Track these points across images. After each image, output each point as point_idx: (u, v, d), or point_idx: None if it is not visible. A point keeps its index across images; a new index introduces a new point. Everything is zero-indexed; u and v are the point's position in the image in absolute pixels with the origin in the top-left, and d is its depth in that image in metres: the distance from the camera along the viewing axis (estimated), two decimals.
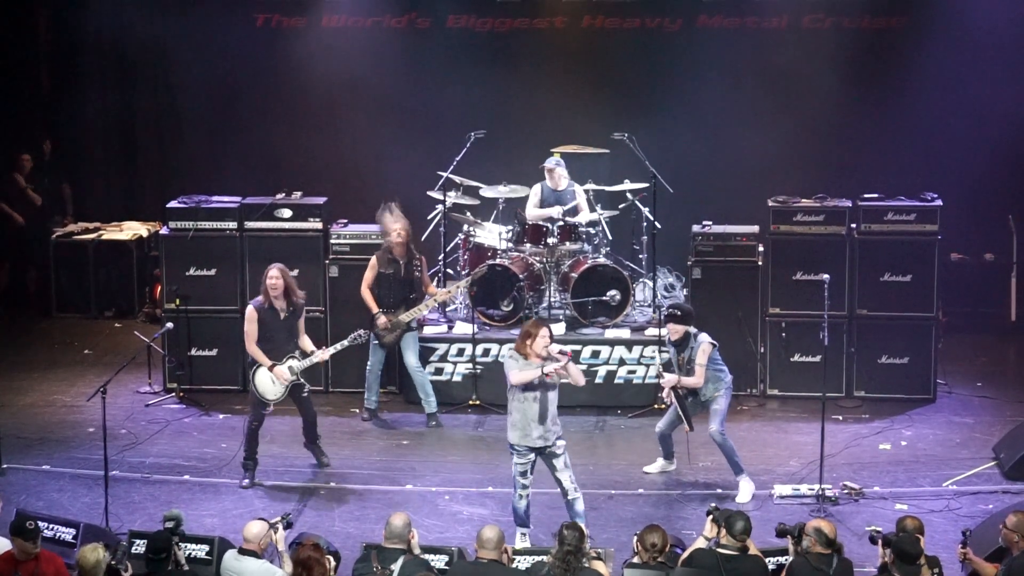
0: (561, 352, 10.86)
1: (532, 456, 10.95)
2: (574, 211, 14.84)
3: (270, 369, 12.36)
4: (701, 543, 9.55)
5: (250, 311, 12.49)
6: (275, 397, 12.46)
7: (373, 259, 13.82)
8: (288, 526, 9.81)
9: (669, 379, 12.15)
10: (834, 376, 14.04)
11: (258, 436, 12.55)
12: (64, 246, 17.37)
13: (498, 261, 14.58)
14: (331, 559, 9.45)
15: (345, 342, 12.71)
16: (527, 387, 10.85)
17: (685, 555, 9.51)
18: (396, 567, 9.25)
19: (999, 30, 16.17)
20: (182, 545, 9.60)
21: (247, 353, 12.59)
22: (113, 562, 9.16)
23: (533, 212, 14.85)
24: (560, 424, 11.03)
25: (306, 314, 12.79)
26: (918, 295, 14.25)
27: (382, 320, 13.71)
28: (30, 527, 9.27)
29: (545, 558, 9.38)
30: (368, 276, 13.79)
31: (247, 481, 12.46)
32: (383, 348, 13.90)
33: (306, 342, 12.57)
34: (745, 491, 12.07)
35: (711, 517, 9.56)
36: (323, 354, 12.55)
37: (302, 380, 12.53)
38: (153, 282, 16.78)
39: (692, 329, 12.18)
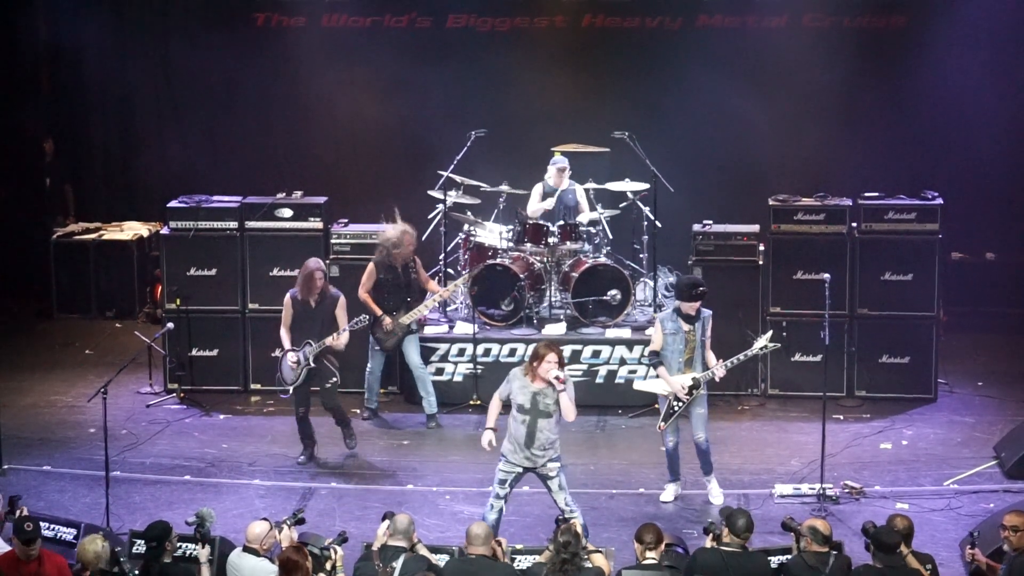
0: (556, 378, 10.54)
1: (519, 470, 10.74)
2: (575, 211, 14.83)
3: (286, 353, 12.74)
4: None
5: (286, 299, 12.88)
6: (291, 382, 12.73)
7: (371, 266, 13.71)
8: (299, 523, 9.82)
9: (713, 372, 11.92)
10: (835, 375, 14.03)
11: (306, 422, 12.87)
12: (65, 246, 17.36)
13: (499, 261, 14.57)
14: (336, 548, 9.46)
15: (347, 327, 12.80)
16: (519, 408, 10.65)
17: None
18: (397, 565, 9.25)
19: (999, 29, 16.18)
20: (180, 545, 9.59)
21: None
22: (115, 568, 9.14)
23: (534, 206, 14.84)
24: (556, 448, 10.73)
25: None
26: (919, 294, 14.23)
27: (387, 322, 13.67)
28: (27, 528, 9.24)
29: (541, 558, 9.38)
30: (367, 282, 13.72)
31: (303, 458, 12.91)
32: (384, 353, 13.89)
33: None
34: (716, 491, 12.02)
35: (710, 536, 9.53)
36: (334, 339, 12.69)
37: (326, 368, 12.76)
38: (154, 282, 16.77)
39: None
